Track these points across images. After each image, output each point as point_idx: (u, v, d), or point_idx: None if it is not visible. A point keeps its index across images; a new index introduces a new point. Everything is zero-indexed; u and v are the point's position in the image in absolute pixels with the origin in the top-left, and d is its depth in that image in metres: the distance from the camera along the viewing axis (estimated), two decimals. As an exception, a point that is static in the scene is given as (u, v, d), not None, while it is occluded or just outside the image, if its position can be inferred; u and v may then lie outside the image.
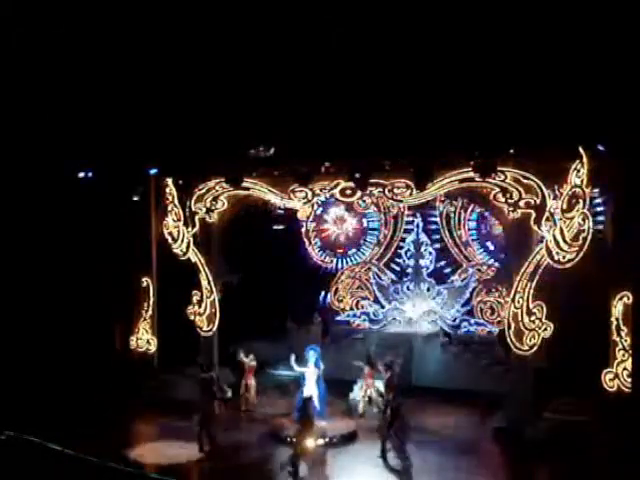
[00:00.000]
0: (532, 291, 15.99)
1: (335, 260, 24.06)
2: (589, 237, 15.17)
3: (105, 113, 18.92)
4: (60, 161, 19.98)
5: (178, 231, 18.88)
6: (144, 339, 20.18)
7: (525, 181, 15.69)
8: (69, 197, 20.72)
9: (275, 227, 20.94)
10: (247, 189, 18.09)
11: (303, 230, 23.98)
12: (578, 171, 15.11)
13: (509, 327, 16.25)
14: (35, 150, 19.94)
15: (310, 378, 16.48)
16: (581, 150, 14.96)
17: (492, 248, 22.11)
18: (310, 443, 13.66)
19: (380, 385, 16.72)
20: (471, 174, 15.97)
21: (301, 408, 14.62)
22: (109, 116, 18.89)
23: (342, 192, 17.26)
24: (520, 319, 16.04)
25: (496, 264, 21.80)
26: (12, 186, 20.59)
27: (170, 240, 19.04)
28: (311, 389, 16.24)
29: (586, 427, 15.21)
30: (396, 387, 15.38)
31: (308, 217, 23.57)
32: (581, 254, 15.26)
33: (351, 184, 16.95)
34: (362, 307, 23.14)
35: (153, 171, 19.46)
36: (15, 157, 20.12)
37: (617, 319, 15.62)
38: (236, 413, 18.00)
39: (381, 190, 17.04)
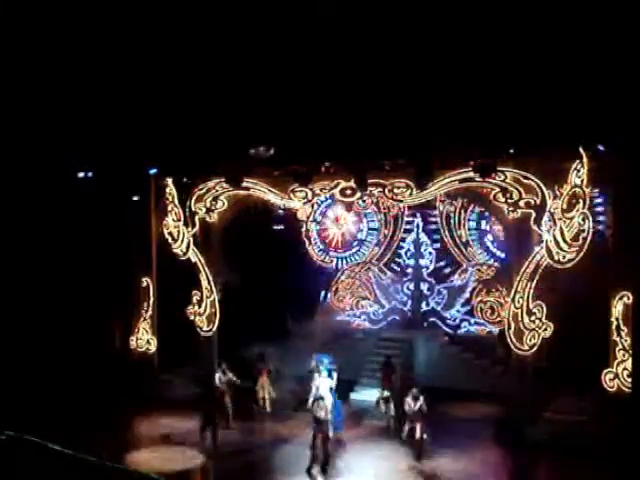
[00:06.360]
0: (532, 291, 16.01)
1: (335, 260, 24.05)
2: (589, 237, 15.19)
3: (105, 113, 18.92)
4: (60, 161, 19.99)
5: (178, 231, 18.90)
6: (144, 339, 20.17)
7: (525, 181, 15.71)
8: (69, 197, 20.73)
9: (275, 227, 20.87)
10: (247, 189, 18.11)
11: (303, 230, 23.97)
12: (578, 171, 15.12)
13: (509, 327, 16.25)
14: (35, 150, 19.95)
15: (322, 388, 15.60)
16: (581, 150, 14.98)
17: (492, 247, 22.12)
18: None
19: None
20: (471, 174, 16.00)
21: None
22: (109, 116, 18.89)
23: (342, 192, 17.28)
24: (520, 319, 16.04)
25: (496, 264, 21.81)
26: (12, 186, 20.60)
27: (170, 240, 19.05)
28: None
29: (586, 427, 15.22)
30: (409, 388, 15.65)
31: (308, 217, 23.57)
32: (581, 254, 15.28)
33: (351, 184, 16.97)
34: (362, 307, 23.12)
35: (153, 171, 19.47)
36: (15, 157, 20.13)
37: (617, 319, 15.62)
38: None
39: (381, 190, 17.06)
